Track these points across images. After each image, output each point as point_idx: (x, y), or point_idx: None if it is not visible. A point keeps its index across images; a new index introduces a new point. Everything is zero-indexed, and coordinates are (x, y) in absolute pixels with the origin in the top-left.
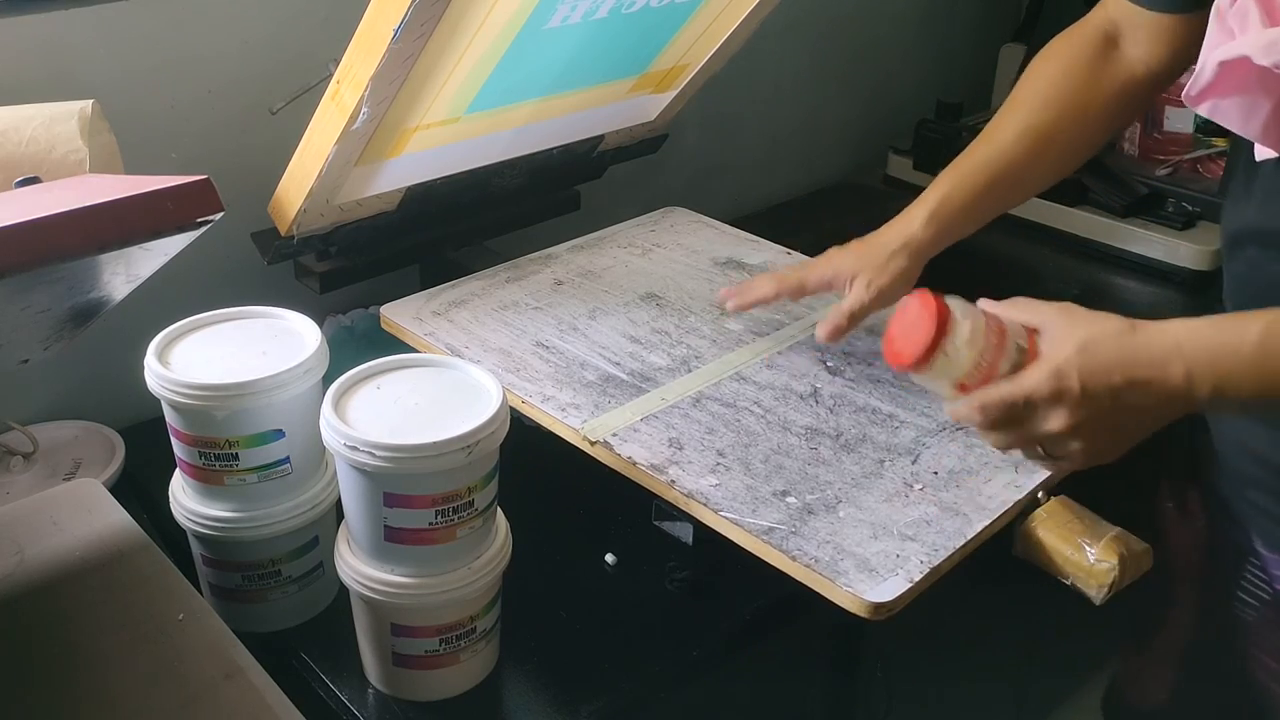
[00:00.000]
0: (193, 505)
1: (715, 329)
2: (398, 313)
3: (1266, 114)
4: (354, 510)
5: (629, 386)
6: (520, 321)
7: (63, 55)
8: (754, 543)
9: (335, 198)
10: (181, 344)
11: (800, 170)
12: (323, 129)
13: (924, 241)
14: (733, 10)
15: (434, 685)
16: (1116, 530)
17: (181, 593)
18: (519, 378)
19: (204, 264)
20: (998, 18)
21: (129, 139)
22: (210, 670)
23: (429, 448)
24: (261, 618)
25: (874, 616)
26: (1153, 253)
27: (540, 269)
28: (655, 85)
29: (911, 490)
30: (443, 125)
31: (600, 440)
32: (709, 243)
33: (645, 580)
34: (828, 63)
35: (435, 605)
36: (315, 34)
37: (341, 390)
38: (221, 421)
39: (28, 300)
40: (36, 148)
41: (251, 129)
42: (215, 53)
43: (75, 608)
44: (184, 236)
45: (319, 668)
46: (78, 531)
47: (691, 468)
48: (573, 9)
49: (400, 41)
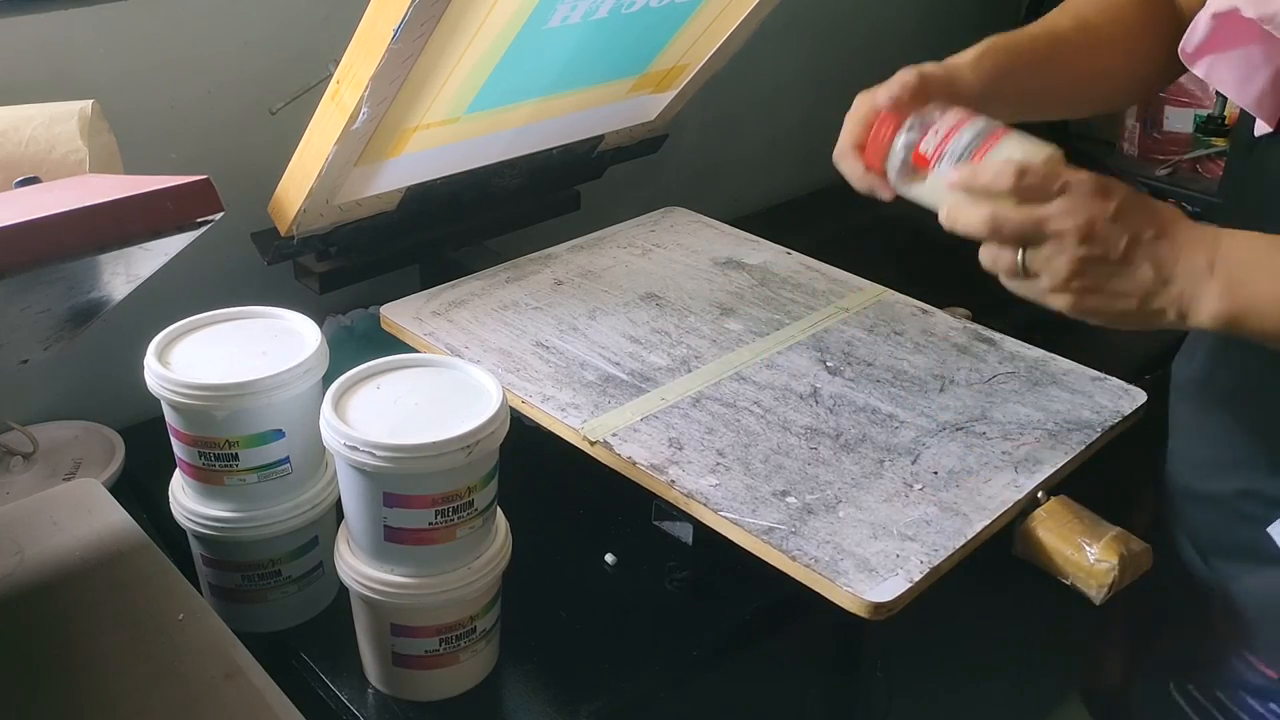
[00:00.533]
0: (193, 505)
1: (715, 329)
2: (397, 313)
3: (1264, 82)
4: (354, 510)
5: (629, 386)
6: (520, 321)
7: (63, 55)
8: (754, 543)
9: (335, 198)
10: (181, 344)
11: (800, 170)
12: (322, 129)
13: (966, 66)
14: (732, 10)
15: (434, 685)
16: (1116, 530)
17: (181, 593)
18: (519, 378)
19: (204, 264)
20: (997, 17)
21: (129, 139)
22: (210, 670)
23: (429, 448)
24: (261, 618)
25: (874, 616)
26: None
27: (540, 269)
28: (655, 85)
29: (911, 490)
30: (442, 125)
31: (600, 440)
32: (709, 243)
33: (645, 580)
34: (828, 62)
35: (435, 605)
36: (315, 34)
37: (341, 390)
38: (221, 421)
39: (28, 300)
40: (36, 148)
41: (251, 129)
42: (215, 53)
43: (75, 608)
44: (184, 236)
45: (319, 668)
46: (78, 531)
47: (691, 468)
48: (572, 9)
49: (400, 41)
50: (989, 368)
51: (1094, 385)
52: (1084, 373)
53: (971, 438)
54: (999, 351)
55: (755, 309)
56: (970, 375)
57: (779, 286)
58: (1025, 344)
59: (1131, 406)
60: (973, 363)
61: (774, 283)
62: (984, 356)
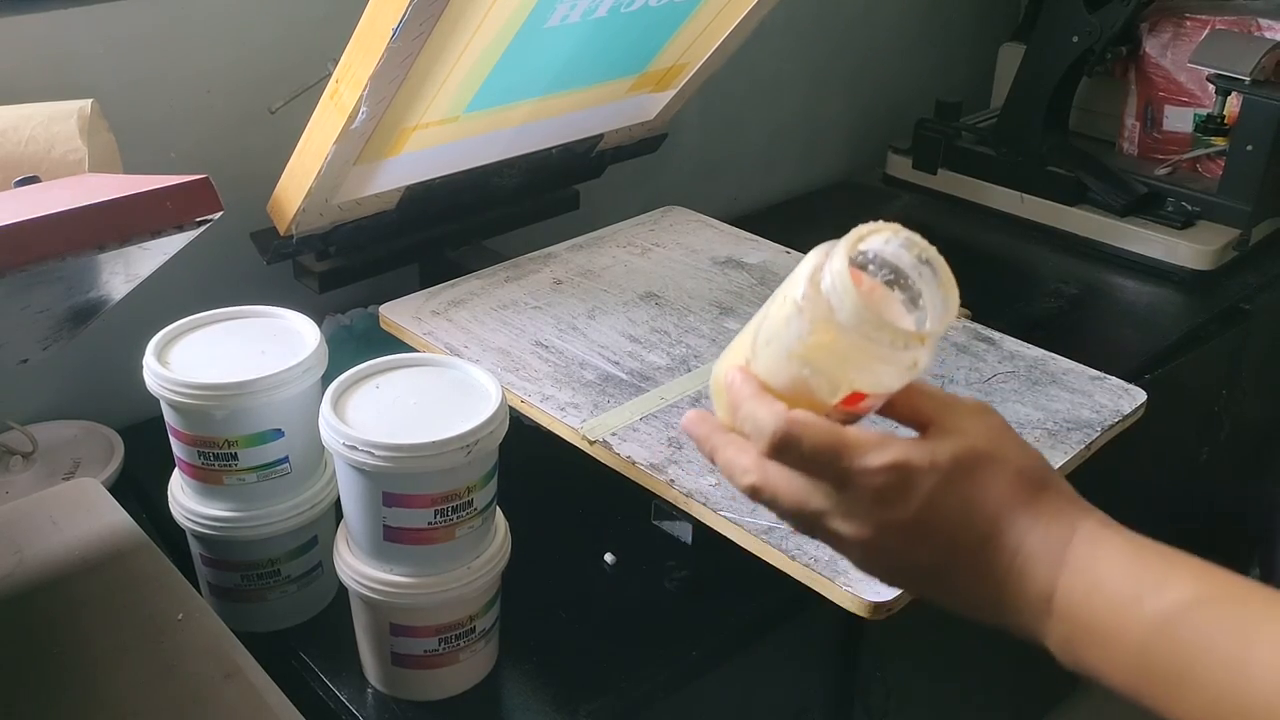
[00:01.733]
0: (192, 505)
1: (714, 328)
2: (397, 312)
3: None
4: (353, 510)
5: (628, 386)
6: (519, 321)
7: (63, 55)
8: (754, 542)
9: (334, 197)
10: (180, 343)
11: (799, 169)
12: (322, 128)
13: None
14: (732, 9)
15: (433, 685)
16: None
17: (181, 592)
18: (518, 377)
19: (203, 264)
20: (997, 17)
21: (128, 138)
22: (210, 670)
23: (428, 447)
24: (261, 617)
25: (874, 616)
26: (1152, 252)
27: (539, 268)
28: (655, 84)
29: None
30: (442, 124)
31: (599, 440)
32: (708, 242)
33: (645, 580)
34: (827, 62)
35: (434, 605)
36: (315, 33)
37: (340, 390)
38: (220, 421)
39: (27, 300)
40: (35, 147)
41: (250, 128)
42: (214, 52)
43: (74, 608)
44: (183, 236)
45: (318, 667)
46: (77, 531)
47: (691, 467)
48: (572, 8)
49: (399, 40)
50: (988, 367)
51: (1094, 385)
52: (1084, 372)
53: None
54: (998, 351)
55: (755, 308)
56: (970, 374)
57: (779, 286)
58: (1025, 343)
59: (1131, 406)
60: (972, 362)
61: (774, 282)
62: (983, 356)
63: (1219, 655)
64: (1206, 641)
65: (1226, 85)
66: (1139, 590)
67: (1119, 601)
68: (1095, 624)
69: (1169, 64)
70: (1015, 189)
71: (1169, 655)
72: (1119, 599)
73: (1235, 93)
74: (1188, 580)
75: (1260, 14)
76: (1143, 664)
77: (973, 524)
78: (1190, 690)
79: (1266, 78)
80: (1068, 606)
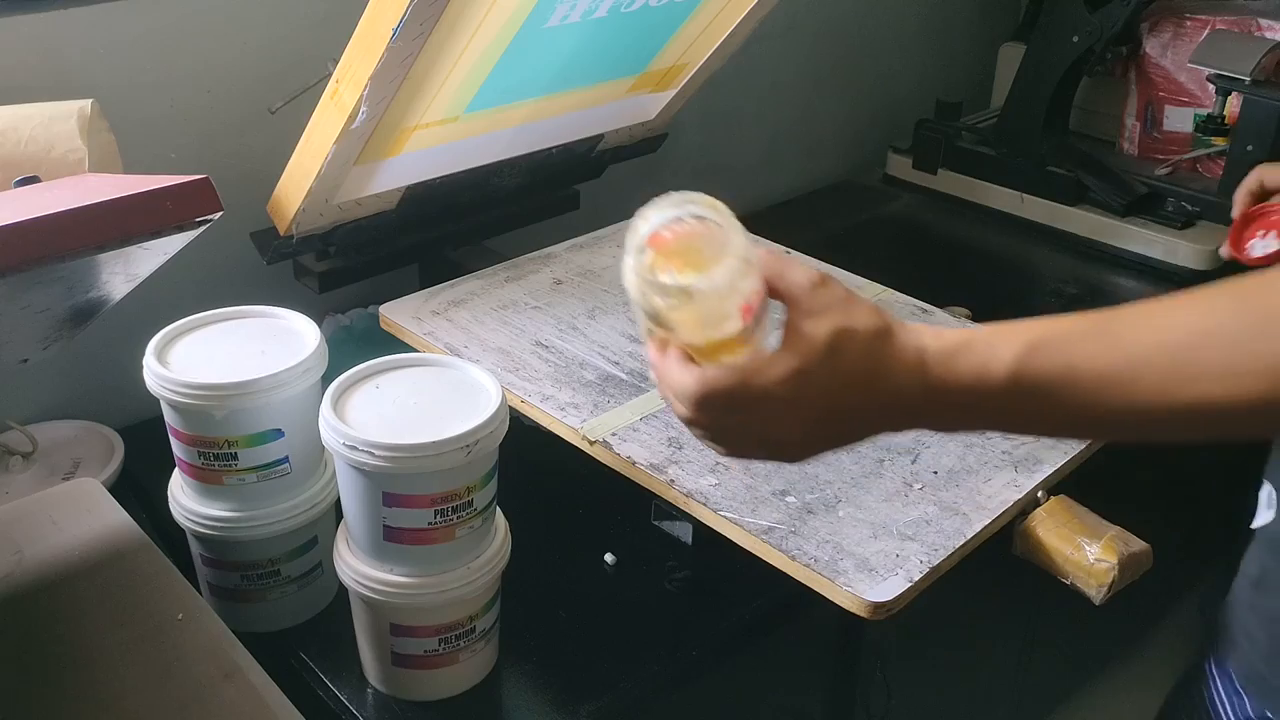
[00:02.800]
0: (192, 505)
1: None
2: (397, 312)
3: None
4: (353, 510)
5: (628, 386)
6: (519, 321)
7: (63, 55)
8: (754, 542)
9: (334, 197)
10: (180, 343)
11: (800, 169)
12: (322, 128)
13: None
14: (732, 9)
15: (433, 685)
16: (1116, 530)
17: (181, 592)
18: (518, 377)
19: (203, 264)
20: (997, 17)
21: (128, 138)
22: (210, 670)
23: (428, 447)
24: (260, 617)
25: (874, 616)
26: (1152, 252)
27: (539, 268)
28: (655, 84)
29: (911, 490)
30: (442, 124)
31: (600, 440)
32: None
33: (645, 580)
34: (827, 62)
35: (434, 605)
36: (315, 33)
37: (340, 390)
38: (220, 421)
39: (28, 300)
40: (35, 147)
41: (251, 128)
42: (214, 52)
43: (74, 607)
44: (183, 236)
45: (318, 667)
46: (77, 531)
47: (691, 467)
48: (572, 8)
49: (399, 41)
50: None
51: None
52: None
53: (971, 437)
54: None
55: None
56: None
57: None
58: None
59: None
60: None
61: None
62: None
63: (1088, 348)
64: (1072, 351)
65: (1226, 85)
66: (995, 339)
67: (982, 356)
68: (967, 369)
69: (1169, 64)
70: (1015, 189)
71: (1039, 372)
72: (982, 354)
73: (1235, 93)
74: (1034, 325)
75: (1260, 14)
76: (1016, 388)
77: (863, 356)
78: (1070, 393)
79: (1266, 78)
80: (939, 354)
